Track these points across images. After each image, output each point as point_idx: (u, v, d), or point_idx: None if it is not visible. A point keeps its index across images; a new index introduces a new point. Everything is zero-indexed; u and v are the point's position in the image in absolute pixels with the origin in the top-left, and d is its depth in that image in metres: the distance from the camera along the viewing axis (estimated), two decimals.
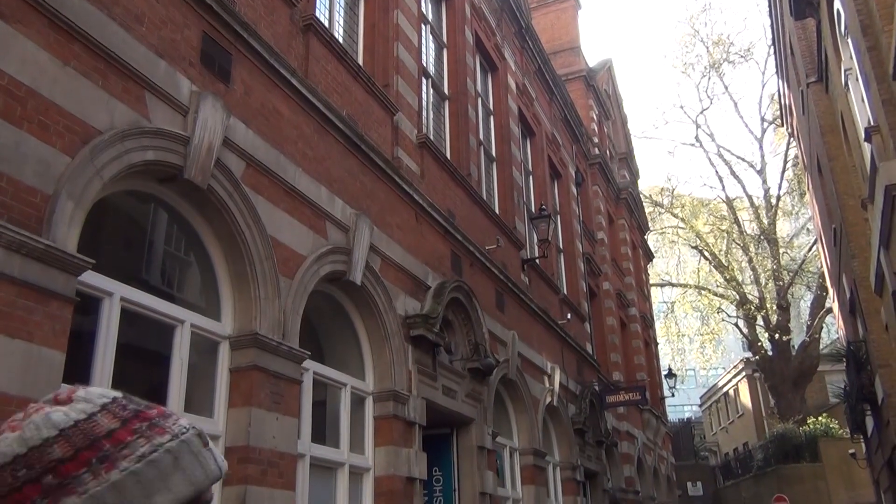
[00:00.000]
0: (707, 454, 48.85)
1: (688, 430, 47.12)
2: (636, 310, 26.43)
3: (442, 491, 10.20)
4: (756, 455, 33.16)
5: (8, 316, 3.99)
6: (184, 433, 0.85)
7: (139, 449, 0.80)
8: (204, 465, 0.84)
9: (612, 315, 22.89)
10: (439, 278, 9.91)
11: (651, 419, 25.24)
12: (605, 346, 21.92)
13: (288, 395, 6.38)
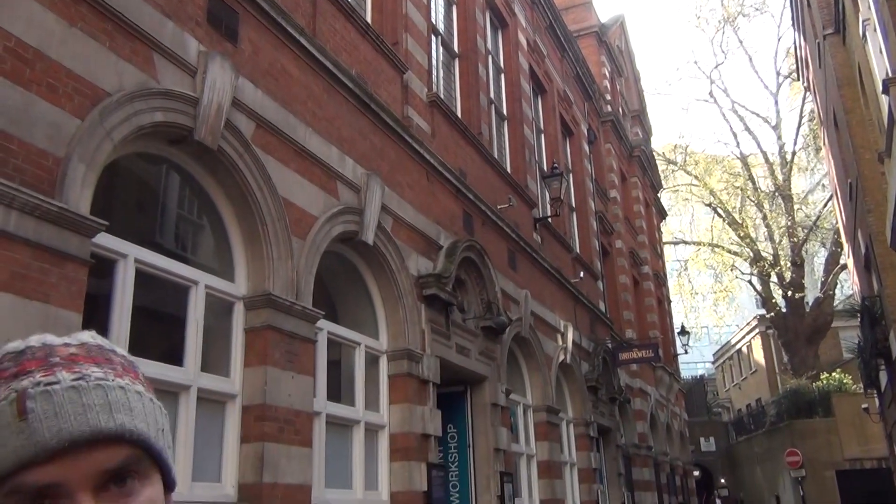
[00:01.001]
0: (720, 410, 49.19)
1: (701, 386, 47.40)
2: (649, 268, 26.39)
3: (457, 447, 10.33)
4: (769, 411, 33.33)
5: (24, 278, 4.04)
6: (3, 400, 0.71)
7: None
8: (8, 441, 0.70)
9: (624, 273, 22.87)
10: (451, 238, 9.91)
11: (664, 376, 25.37)
12: (617, 305, 21.95)
13: (303, 354, 6.45)
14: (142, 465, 0.77)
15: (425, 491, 8.13)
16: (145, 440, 0.77)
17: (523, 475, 12.22)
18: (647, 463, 21.08)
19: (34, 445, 0.69)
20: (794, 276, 33.10)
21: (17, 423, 0.70)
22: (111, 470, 0.74)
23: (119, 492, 0.74)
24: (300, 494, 6.11)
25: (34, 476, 0.70)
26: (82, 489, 0.71)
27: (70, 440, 0.70)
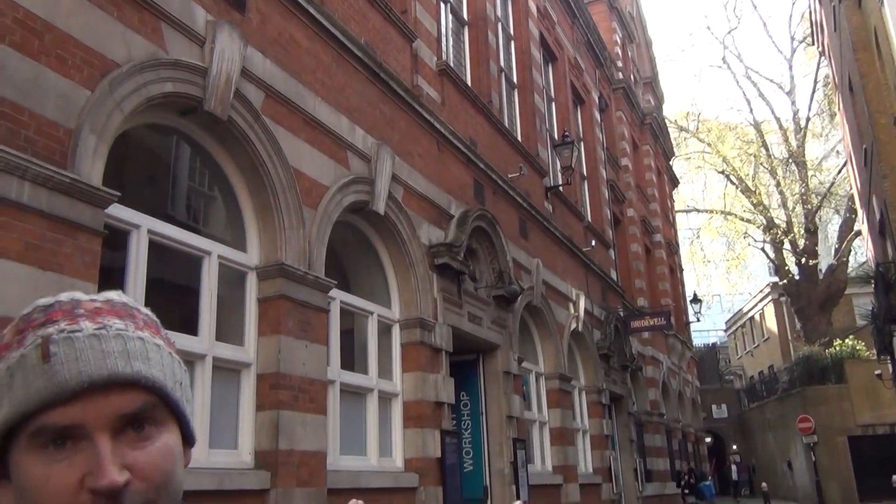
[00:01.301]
0: (732, 378, 49.31)
1: (713, 354, 47.48)
2: (661, 236, 26.31)
3: (470, 415, 10.42)
4: (781, 378, 33.37)
5: (39, 248, 4.07)
6: (27, 347, 0.75)
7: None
8: (31, 383, 0.73)
9: (636, 242, 22.81)
10: (462, 207, 9.90)
11: (676, 344, 25.41)
12: (629, 273, 21.92)
13: (316, 323, 6.49)
14: (158, 413, 0.80)
15: (439, 457, 8.23)
16: (161, 388, 0.80)
17: (536, 442, 12.33)
18: (658, 430, 21.21)
19: (56, 386, 0.73)
20: (807, 243, 32.90)
21: (41, 366, 0.74)
22: (128, 414, 0.76)
23: (136, 436, 0.77)
24: (315, 461, 6.19)
25: (55, 417, 0.73)
26: (101, 430, 0.75)
27: (89, 382, 0.74)
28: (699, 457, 28.87)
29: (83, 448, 0.74)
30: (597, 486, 14.54)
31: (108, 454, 0.74)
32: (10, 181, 3.98)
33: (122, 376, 0.76)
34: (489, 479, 10.12)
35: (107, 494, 0.73)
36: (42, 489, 0.73)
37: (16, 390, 0.74)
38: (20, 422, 0.75)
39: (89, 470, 0.73)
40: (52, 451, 0.74)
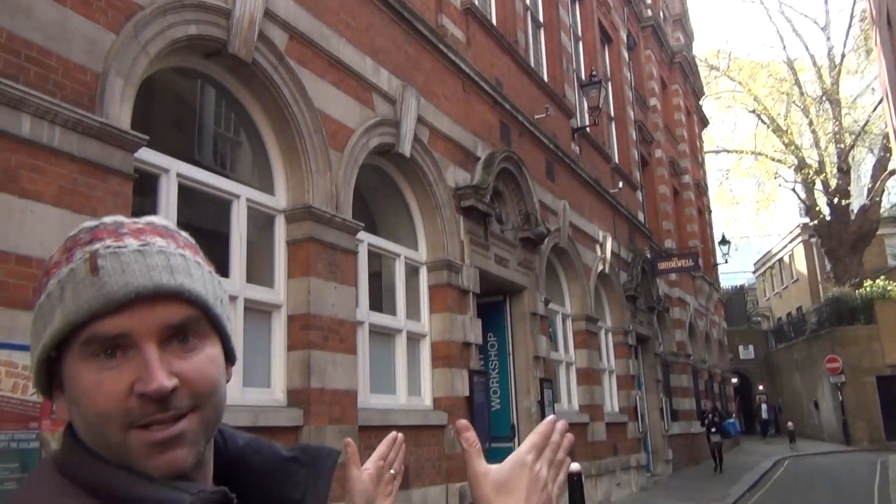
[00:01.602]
0: (759, 319, 49.12)
1: (741, 296, 47.23)
2: (690, 177, 25.95)
3: (497, 355, 10.54)
4: (810, 318, 33.19)
5: (72, 192, 4.14)
6: (76, 262, 0.79)
7: (50, 282, 0.81)
8: (81, 294, 0.76)
9: (664, 183, 22.54)
10: (488, 149, 9.84)
11: (703, 286, 25.31)
12: (657, 215, 21.74)
13: (344, 265, 6.56)
14: (201, 327, 0.83)
15: (467, 396, 8.36)
16: (204, 302, 0.83)
17: (562, 381, 12.47)
18: (685, 370, 21.30)
19: (104, 297, 0.77)
20: (839, 182, 32.27)
21: (90, 278, 0.77)
22: (173, 325, 0.80)
23: (181, 347, 0.81)
24: (346, 399, 6.33)
25: (105, 326, 0.77)
26: (148, 339, 0.78)
27: (136, 292, 0.77)
28: (725, 397, 29.00)
29: (132, 357, 0.78)
30: (623, 425, 14.72)
31: (156, 361, 0.77)
32: (42, 126, 4.03)
33: (166, 288, 0.79)
34: (516, 417, 10.29)
35: (155, 398, 0.77)
36: (94, 395, 0.77)
37: (66, 302, 0.78)
38: (71, 332, 0.78)
39: (138, 377, 0.77)
40: (103, 359, 0.78)
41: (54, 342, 0.79)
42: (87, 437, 0.80)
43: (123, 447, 0.78)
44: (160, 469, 0.78)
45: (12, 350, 3.66)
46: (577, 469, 8.27)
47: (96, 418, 0.78)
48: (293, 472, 0.93)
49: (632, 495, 14.21)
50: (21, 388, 3.68)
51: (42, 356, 0.81)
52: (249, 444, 0.95)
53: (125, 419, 0.77)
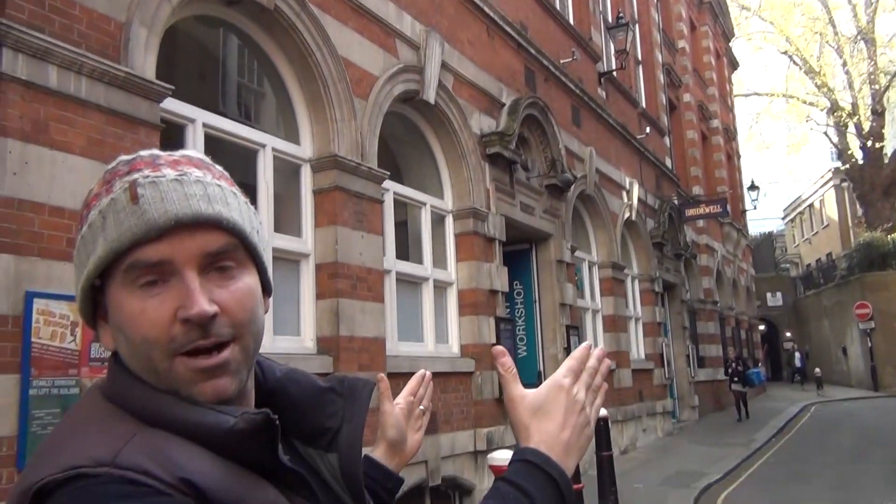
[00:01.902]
0: (788, 266, 48.66)
1: (769, 243, 46.75)
2: (718, 122, 25.47)
3: (523, 303, 10.57)
4: (840, 264, 32.80)
5: (100, 143, 4.16)
6: (116, 191, 0.81)
7: (91, 213, 0.82)
8: (123, 222, 0.78)
9: (692, 128, 22.15)
10: (513, 95, 9.70)
11: (731, 232, 25.05)
12: (684, 161, 21.43)
13: (371, 214, 6.57)
14: (239, 256, 0.85)
15: (493, 343, 8.42)
16: (241, 230, 0.85)
17: (589, 329, 12.50)
18: (712, 317, 21.24)
19: (145, 224, 0.78)
20: (873, 125, 31.47)
21: (131, 207, 0.79)
22: (212, 252, 0.82)
23: (220, 276, 0.83)
24: (375, 346, 6.41)
25: (147, 253, 0.79)
26: (188, 266, 0.80)
27: (175, 219, 0.79)
28: (752, 344, 28.94)
29: (173, 285, 0.80)
30: (649, 372, 14.78)
31: (197, 287, 0.79)
32: (68, 76, 4.03)
33: (205, 216, 0.81)
34: (543, 364, 10.36)
35: (197, 323, 0.78)
36: (139, 322, 0.79)
37: (108, 231, 0.80)
38: (114, 259, 0.80)
39: (181, 303, 0.79)
40: (146, 287, 0.80)
41: (97, 270, 0.81)
42: (134, 364, 0.82)
43: (170, 374, 0.80)
44: (205, 395, 0.80)
45: (49, 299, 3.74)
46: (604, 415, 8.33)
47: (142, 345, 0.79)
48: (330, 401, 0.95)
49: (657, 441, 14.35)
50: (59, 337, 3.77)
51: (86, 285, 0.83)
52: (288, 374, 0.97)
53: (170, 346, 0.79)
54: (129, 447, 0.73)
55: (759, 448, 13.20)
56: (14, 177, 3.71)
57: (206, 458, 0.77)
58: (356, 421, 0.93)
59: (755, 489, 9.58)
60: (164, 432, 0.77)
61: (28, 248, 3.73)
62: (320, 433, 0.93)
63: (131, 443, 0.74)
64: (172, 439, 0.77)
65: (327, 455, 0.92)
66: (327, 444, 0.92)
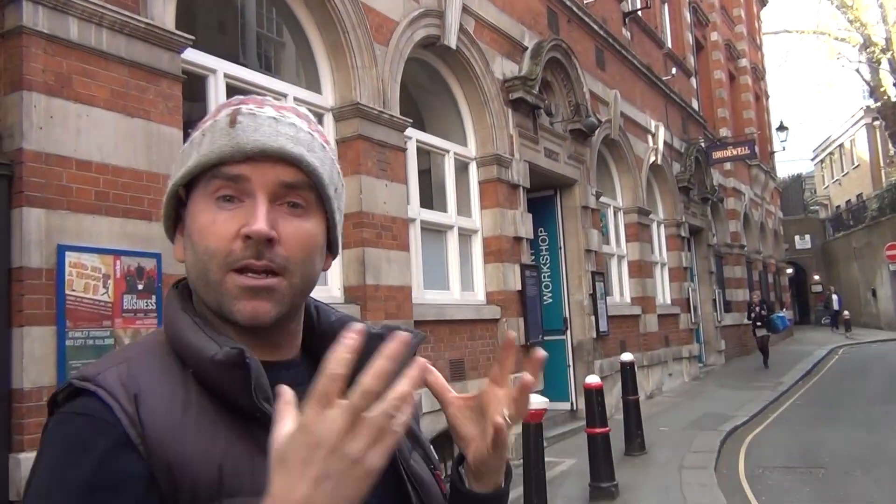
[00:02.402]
0: (817, 208, 47.93)
1: (798, 184, 45.96)
2: (747, 61, 24.84)
3: (548, 249, 10.55)
4: (870, 205, 32.22)
5: (124, 96, 4.16)
6: (220, 116, 0.88)
7: (195, 133, 0.90)
8: (217, 140, 0.86)
9: (720, 68, 21.64)
10: (536, 38, 9.52)
11: (759, 174, 24.66)
12: (711, 102, 21.00)
13: (394, 162, 6.54)
14: (311, 199, 0.89)
15: (519, 290, 8.44)
16: (319, 177, 0.89)
17: (614, 274, 12.48)
18: (739, 261, 21.07)
19: (235, 145, 0.85)
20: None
21: (228, 130, 0.86)
22: (287, 183, 0.87)
23: (289, 211, 0.87)
24: (401, 295, 6.45)
25: (229, 168, 0.86)
26: (262, 190, 0.86)
27: (261, 148, 0.85)
28: (779, 287, 28.72)
29: (246, 206, 0.85)
30: (675, 317, 14.76)
31: (264, 209, 0.84)
32: (89, 29, 4.01)
33: (287, 152, 0.86)
34: (568, 310, 10.38)
35: (255, 241, 0.83)
36: (207, 232, 0.86)
37: (203, 147, 0.87)
38: (201, 172, 0.87)
39: (247, 222, 0.84)
40: (221, 202, 0.86)
41: (184, 179, 0.88)
42: (193, 273, 0.88)
43: (220, 286, 0.86)
44: (244, 313, 0.85)
45: (80, 252, 3.79)
46: (630, 359, 8.37)
47: (204, 254, 0.86)
48: (375, 347, 0.95)
49: (683, 385, 14.41)
50: (92, 289, 3.83)
51: (172, 192, 0.90)
52: (340, 319, 0.99)
53: (226, 259, 0.85)
54: (112, 370, 0.81)
55: (786, 391, 13.21)
56: (40, 131, 3.73)
57: (172, 382, 0.82)
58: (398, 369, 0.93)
59: (782, 431, 9.62)
60: (158, 360, 0.84)
61: (57, 202, 3.77)
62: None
63: (117, 366, 0.82)
64: (157, 365, 0.84)
65: None
66: None
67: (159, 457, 0.76)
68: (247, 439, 0.80)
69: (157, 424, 0.78)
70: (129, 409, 0.78)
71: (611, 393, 9.84)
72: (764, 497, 6.50)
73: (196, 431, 0.79)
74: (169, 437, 0.77)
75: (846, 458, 7.75)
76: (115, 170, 4.05)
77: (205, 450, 0.78)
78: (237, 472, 0.78)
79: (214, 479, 0.77)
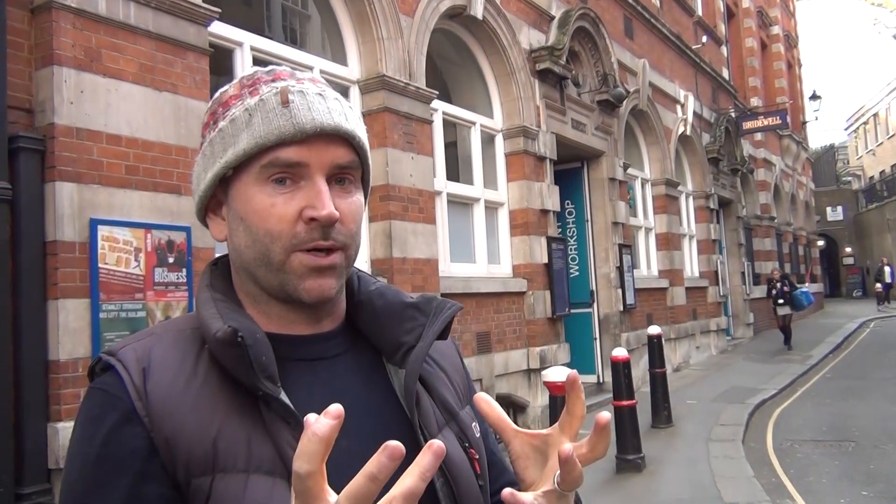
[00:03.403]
0: (850, 179, 47.04)
1: (830, 155, 45.12)
2: (779, 28, 24.29)
3: (574, 222, 10.49)
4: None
5: (151, 70, 4.18)
6: (265, 94, 0.87)
7: (231, 110, 0.88)
8: (272, 121, 0.85)
9: (751, 36, 21.19)
10: (563, 7, 9.38)
11: (791, 145, 24.22)
12: (742, 71, 20.61)
13: (420, 135, 6.52)
14: (357, 175, 0.92)
15: (546, 263, 8.41)
16: (366, 154, 0.92)
17: (641, 247, 12.39)
18: (768, 234, 20.80)
19: (294, 126, 0.85)
20: None
21: (281, 109, 0.86)
22: (341, 164, 0.88)
23: (340, 189, 0.89)
24: (428, 268, 6.46)
25: (288, 153, 0.85)
26: (320, 172, 0.87)
27: (320, 128, 0.86)
28: (809, 259, 28.31)
29: (303, 187, 0.86)
30: (703, 290, 14.65)
31: (328, 192, 0.86)
32: (117, 3, 4.03)
33: (343, 130, 0.88)
34: (595, 283, 10.34)
35: (323, 224, 0.85)
36: (266, 215, 0.86)
37: (255, 127, 0.86)
38: (256, 154, 0.86)
39: (308, 203, 0.85)
40: (276, 185, 0.86)
41: (237, 160, 0.87)
42: (249, 254, 0.88)
43: (284, 267, 0.86)
44: (311, 291, 0.87)
45: (112, 226, 3.84)
46: (657, 332, 8.33)
47: (265, 237, 0.86)
48: (410, 316, 0.96)
49: (711, 358, 14.34)
50: (124, 262, 3.88)
51: (221, 173, 0.89)
52: (379, 288, 1.00)
53: (291, 241, 0.85)
54: (135, 345, 0.85)
55: (815, 364, 13.09)
56: (71, 105, 3.77)
57: (185, 358, 0.84)
58: (427, 338, 0.93)
59: (810, 404, 9.55)
60: (181, 336, 0.87)
61: (89, 176, 3.81)
62: (396, 348, 0.93)
63: (142, 342, 0.85)
64: (176, 341, 0.86)
65: (399, 371, 0.93)
66: (401, 359, 0.92)
67: (160, 429, 0.79)
68: (246, 417, 0.81)
69: (159, 397, 0.80)
70: (137, 383, 0.80)
71: (637, 366, 9.82)
72: (792, 470, 6.48)
73: (195, 406, 0.81)
74: (169, 410, 0.80)
75: (876, 432, 7.68)
76: (144, 143, 4.09)
77: (201, 424, 0.80)
78: (231, 448, 0.79)
79: (209, 452, 0.79)
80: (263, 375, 0.80)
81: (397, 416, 0.90)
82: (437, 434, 0.92)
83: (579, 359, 9.45)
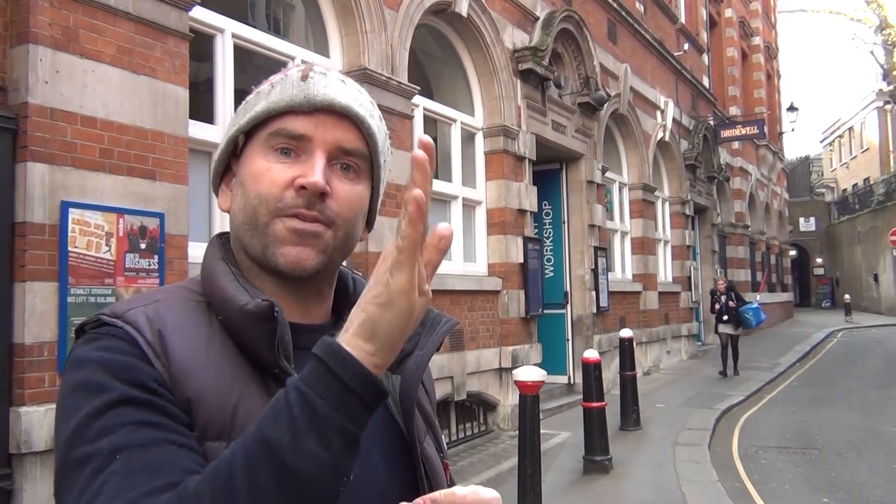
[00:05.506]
0: (823, 191, 47.71)
1: (805, 166, 45.73)
2: (760, 39, 24.57)
3: (551, 223, 10.53)
4: (877, 189, 32.08)
5: (130, 52, 4.12)
6: (290, 72, 0.92)
7: (261, 87, 0.93)
8: (287, 91, 0.88)
9: (733, 45, 21.41)
10: (548, 8, 9.40)
11: (767, 155, 24.51)
12: (723, 79, 20.81)
13: (400, 130, 6.50)
14: (363, 167, 0.92)
15: (521, 263, 8.43)
16: (375, 144, 0.92)
17: (617, 250, 12.47)
18: (742, 241, 21.04)
19: (305, 95, 0.88)
20: None
21: (299, 83, 0.89)
22: (345, 149, 0.90)
23: (342, 173, 0.90)
24: None
25: (294, 123, 0.88)
26: (321, 148, 0.88)
27: (329, 102, 0.88)
28: (781, 269, 28.67)
29: (303, 161, 0.88)
30: (676, 295, 14.78)
31: (322, 165, 0.87)
32: None
33: (353, 110, 0.89)
34: (569, 284, 10.39)
35: (309, 192, 0.86)
36: (261, 178, 0.88)
37: (272, 96, 0.90)
38: (265, 120, 0.90)
39: (302, 173, 0.87)
40: (279, 155, 0.89)
41: (249, 124, 0.91)
42: (240, 217, 0.90)
43: (267, 230, 0.88)
44: (287, 257, 0.87)
45: (84, 209, 3.78)
46: (629, 335, 8.39)
47: (255, 199, 0.88)
48: None
49: (681, 363, 14.47)
50: (95, 247, 3.83)
51: (234, 135, 0.93)
52: None
53: (277, 205, 0.87)
54: (141, 308, 0.84)
55: (783, 372, 13.27)
56: (46, 85, 3.70)
57: (198, 323, 0.84)
58: (428, 349, 0.93)
59: (777, 411, 9.67)
60: (185, 304, 0.87)
61: (61, 158, 3.75)
62: None
63: (147, 306, 0.84)
64: (183, 308, 0.86)
65: (393, 376, 0.92)
66: (396, 364, 0.91)
67: (182, 389, 0.79)
68: (263, 391, 0.82)
69: (181, 357, 0.80)
70: (154, 343, 0.80)
71: (608, 368, 9.89)
72: (756, 475, 6.56)
73: (218, 369, 0.82)
74: (192, 372, 0.80)
75: (840, 440, 7.80)
76: (119, 127, 4.03)
77: (223, 389, 0.81)
78: (249, 418, 0.78)
79: (228, 418, 0.80)
80: (283, 354, 0.82)
81: (387, 419, 0.91)
82: (424, 440, 0.93)
83: (551, 359, 9.49)
